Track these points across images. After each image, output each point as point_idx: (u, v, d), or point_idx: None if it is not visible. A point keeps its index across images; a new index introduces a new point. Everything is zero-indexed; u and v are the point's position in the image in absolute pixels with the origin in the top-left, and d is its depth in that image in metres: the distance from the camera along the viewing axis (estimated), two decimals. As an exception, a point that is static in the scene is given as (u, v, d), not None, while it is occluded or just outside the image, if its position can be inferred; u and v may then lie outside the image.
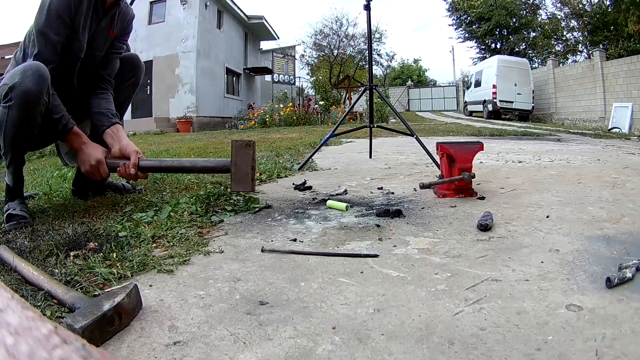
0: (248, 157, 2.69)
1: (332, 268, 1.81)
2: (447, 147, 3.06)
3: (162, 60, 22.98)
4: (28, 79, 2.27)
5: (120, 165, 2.68)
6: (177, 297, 1.56)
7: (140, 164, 2.69)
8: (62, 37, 2.55)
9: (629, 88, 18.67)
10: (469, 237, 2.15)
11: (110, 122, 2.81)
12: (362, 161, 5.36)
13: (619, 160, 4.81)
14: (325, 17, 52.00)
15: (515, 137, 9.28)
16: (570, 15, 32.62)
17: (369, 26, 5.10)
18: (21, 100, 2.28)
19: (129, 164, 2.65)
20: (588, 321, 1.29)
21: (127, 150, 2.70)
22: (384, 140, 8.48)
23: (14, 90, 2.26)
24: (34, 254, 1.94)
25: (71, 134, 2.65)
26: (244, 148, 2.69)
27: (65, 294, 1.46)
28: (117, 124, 2.84)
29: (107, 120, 2.81)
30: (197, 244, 2.11)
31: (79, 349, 0.49)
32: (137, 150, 2.71)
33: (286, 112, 20.29)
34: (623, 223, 2.29)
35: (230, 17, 27.50)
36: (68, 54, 2.64)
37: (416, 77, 62.64)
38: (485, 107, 26.47)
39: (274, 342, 1.25)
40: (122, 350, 1.23)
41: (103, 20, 2.77)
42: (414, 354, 1.17)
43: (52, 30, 2.50)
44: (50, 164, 5.61)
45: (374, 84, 5.08)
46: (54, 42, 2.50)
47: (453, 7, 42.55)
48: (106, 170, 2.71)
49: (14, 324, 0.51)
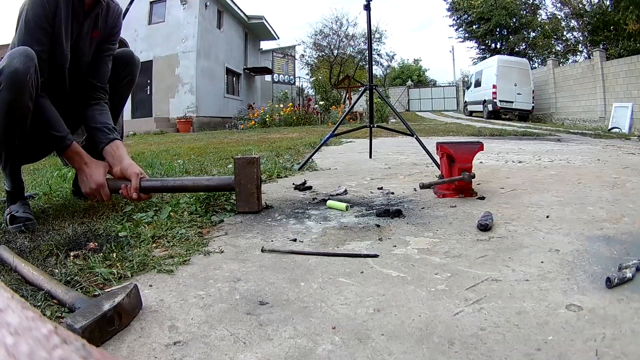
0: (252, 175, 2.66)
1: (332, 268, 1.81)
2: (447, 147, 3.06)
3: (162, 60, 23.00)
4: (15, 60, 2.22)
5: (122, 188, 2.64)
6: (177, 297, 1.56)
7: (142, 185, 2.64)
8: (45, 46, 2.49)
9: (629, 88, 18.67)
10: (469, 237, 2.15)
11: (107, 139, 2.76)
12: (362, 161, 5.36)
13: (619, 160, 4.81)
14: (325, 17, 52.24)
15: (515, 137, 9.29)
16: (571, 15, 32.61)
17: (369, 26, 5.10)
18: (10, 80, 2.22)
19: (131, 187, 2.61)
20: (588, 321, 1.29)
21: (127, 172, 2.66)
22: (384, 140, 8.49)
23: (2, 73, 2.21)
24: (34, 254, 1.94)
25: (70, 152, 2.61)
26: (248, 166, 2.66)
27: (66, 294, 1.46)
28: (116, 140, 2.79)
29: (105, 137, 2.76)
30: (197, 244, 2.11)
31: (79, 348, 0.49)
32: (138, 173, 2.66)
33: (286, 112, 20.34)
34: (623, 223, 2.29)
35: (230, 17, 27.52)
36: (52, 64, 2.58)
37: (416, 77, 62.67)
38: (485, 107, 26.49)
39: (274, 342, 1.25)
40: (122, 350, 1.23)
41: (84, 24, 2.69)
42: (414, 354, 1.17)
43: (34, 41, 2.44)
44: (50, 164, 5.60)
45: (374, 84, 5.08)
46: (38, 53, 2.41)
47: (453, 7, 42.56)
48: (108, 193, 2.67)
49: (14, 324, 0.51)
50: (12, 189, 2.60)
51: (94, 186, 2.60)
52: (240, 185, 2.67)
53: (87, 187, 2.63)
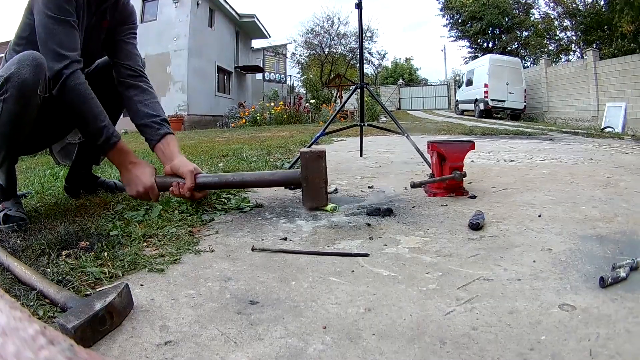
0: (320, 169, 2.58)
1: (323, 267, 1.80)
2: (439, 145, 3.06)
3: (153, 58, 22.87)
4: (24, 69, 2.15)
5: (173, 185, 2.58)
6: (168, 297, 1.55)
7: (197, 182, 2.58)
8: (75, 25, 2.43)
9: (622, 88, 18.70)
10: (460, 236, 2.15)
11: (158, 135, 2.69)
12: (352, 160, 5.37)
13: (612, 160, 4.83)
14: (317, 16, 52.29)
15: (507, 136, 9.33)
16: (564, 14, 32.68)
17: (360, 25, 5.09)
18: (18, 91, 2.15)
19: (184, 184, 2.55)
20: (581, 321, 1.29)
21: (180, 170, 2.59)
22: (375, 139, 8.50)
23: (10, 81, 2.14)
24: (26, 253, 1.92)
25: (116, 150, 2.55)
26: (317, 160, 2.57)
27: (58, 294, 1.45)
28: (167, 136, 2.71)
29: (155, 134, 2.69)
30: (187, 242, 2.10)
31: (64, 349, 0.49)
32: (192, 170, 2.59)
33: (277, 110, 20.34)
34: (616, 222, 2.30)
35: (222, 16, 27.45)
36: None
37: (407, 75, 62.67)
38: (476, 106, 26.54)
39: (265, 341, 1.25)
40: (114, 350, 1.22)
41: (95, 15, 2.64)
42: (405, 353, 1.17)
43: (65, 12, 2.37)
44: (43, 162, 5.59)
45: (365, 83, 5.08)
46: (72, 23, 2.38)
47: (446, 7, 42.62)
48: (157, 194, 2.61)
49: (2, 324, 0.50)
50: (5, 185, 2.55)
51: (141, 190, 2.56)
52: (308, 180, 2.58)
53: (134, 190, 2.59)
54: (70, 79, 2.37)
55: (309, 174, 2.57)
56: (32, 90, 2.19)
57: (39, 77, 2.20)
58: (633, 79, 17.96)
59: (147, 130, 2.71)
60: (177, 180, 2.58)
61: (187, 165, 2.61)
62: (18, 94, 2.16)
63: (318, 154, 2.58)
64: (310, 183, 2.59)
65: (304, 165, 2.58)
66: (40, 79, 2.21)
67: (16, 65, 2.17)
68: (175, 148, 2.71)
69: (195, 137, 11.98)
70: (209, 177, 2.68)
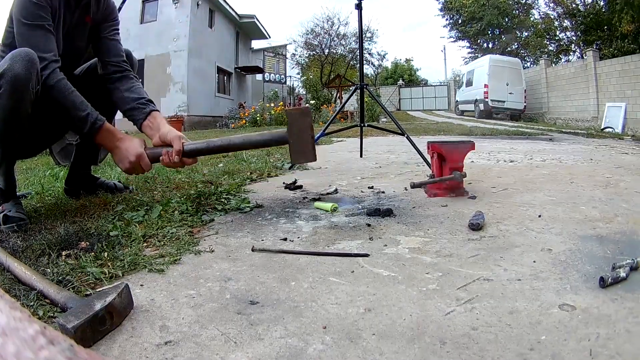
0: (307, 125, 2.58)
1: (323, 267, 1.80)
2: (439, 146, 3.06)
3: (154, 59, 22.92)
4: (17, 65, 2.17)
5: (163, 154, 2.57)
6: (168, 297, 1.55)
7: (185, 149, 2.57)
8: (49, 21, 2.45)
9: (622, 88, 18.66)
10: (460, 237, 2.15)
11: (143, 113, 2.69)
12: (352, 160, 5.37)
13: (612, 160, 4.83)
14: (317, 17, 52.32)
15: (507, 136, 9.33)
16: (564, 15, 32.66)
17: (360, 25, 5.10)
18: (11, 86, 2.17)
19: (172, 151, 2.55)
20: (581, 321, 1.29)
21: (167, 137, 2.59)
22: (375, 140, 8.51)
23: (4, 77, 2.16)
24: (26, 253, 1.92)
25: (102, 132, 2.54)
26: (301, 117, 2.58)
27: (58, 294, 1.45)
28: (152, 112, 2.72)
29: (140, 113, 2.70)
30: (187, 243, 2.10)
31: (64, 349, 0.49)
32: (180, 136, 2.60)
33: (277, 111, 20.33)
34: (616, 222, 2.30)
35: (222, 16, 27.45)
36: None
37: (407, 76, 62.60)
38: (476, 107, 26.57)
39: (265, 341, 1.25)
40: (114, 350, 1.22)
41: (76, 12, 2.65)
42: (405, 353, 1.17)
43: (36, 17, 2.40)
44: (43, 163, 5.59)
45: (364, 83, 5.08)
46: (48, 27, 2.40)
47: (446, 7, 42.64)
48: (148, 163, 2.60)
49: (2, 324, 0.50)
50: (5, 187, 2.56)
51: (132, 158, 2.54)
52: (294, 135, 2.57)
53: (125, 162, 2.57)
54: (50, 78, 2.38)
55: (295, 130, 2.58)
56: (24, 86, 2.21)
57: (30, 72, 2.22)
58: (633, 79, 17.93)
59: (134, 112, 2.72)
60: (166, 149, 2.58)
61: (175, 132, 2.63)
62: (11, 89, 2.18)
63: (303, 110, 2.61)
64: (298, 139, 2.58)
65: (290, 122, 2.59)
66: (32, 74, 2.23)
67: (9, 61, 2.19)
68: (162, 121, 2.71)
69: (195, 137, 11.95)
70: (198, 143, 2.68)
